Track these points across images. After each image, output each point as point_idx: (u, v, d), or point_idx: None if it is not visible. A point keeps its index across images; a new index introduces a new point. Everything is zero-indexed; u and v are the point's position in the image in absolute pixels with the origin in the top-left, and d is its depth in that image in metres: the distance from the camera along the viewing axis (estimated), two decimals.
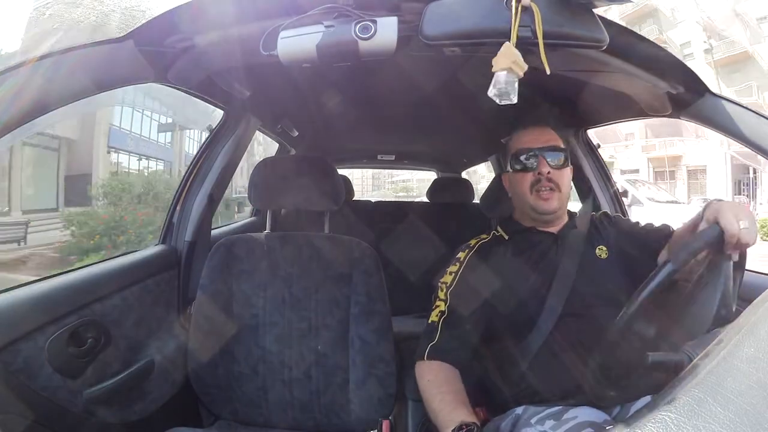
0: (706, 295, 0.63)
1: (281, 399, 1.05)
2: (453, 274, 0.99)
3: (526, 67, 0.61)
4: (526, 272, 0.95)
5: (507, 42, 0.61)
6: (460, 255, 1.02)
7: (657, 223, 1.00)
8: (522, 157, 0.96)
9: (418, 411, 1.06)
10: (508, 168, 1.00)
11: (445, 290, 0.97)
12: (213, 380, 1.05)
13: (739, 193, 14.06)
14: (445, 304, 0.95)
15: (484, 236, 1.05)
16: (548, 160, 0.94)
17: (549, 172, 0.93)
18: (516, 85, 0.62)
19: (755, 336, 0.38)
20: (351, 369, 1.03)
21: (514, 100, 0.62)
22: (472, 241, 1.04)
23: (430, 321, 0.96)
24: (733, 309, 0.62)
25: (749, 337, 0.38)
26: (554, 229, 1.00)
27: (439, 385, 0.86)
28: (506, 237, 1.03)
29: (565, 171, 0.96)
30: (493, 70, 0.62)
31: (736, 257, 0.66)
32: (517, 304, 0.93)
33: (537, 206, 0.95)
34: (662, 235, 0.94)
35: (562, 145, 0.98)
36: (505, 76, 0.61)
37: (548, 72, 0.61)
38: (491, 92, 0.62)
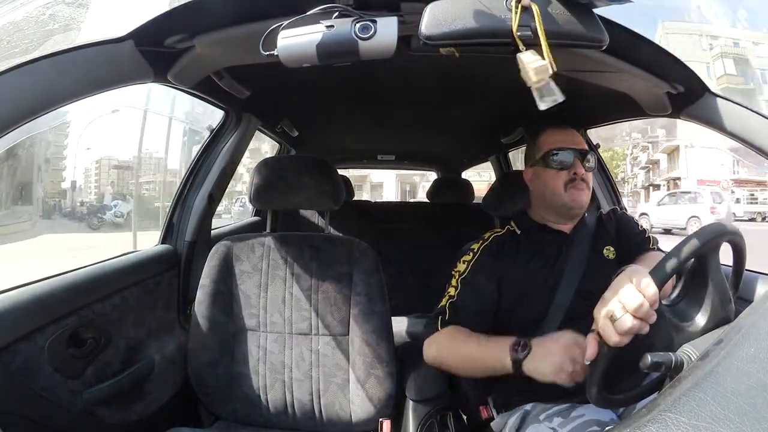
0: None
1: (281, 399, 1.05)
2: (466, 263, 1.00)
3: (548, 64, 0.60)
4: (535, 270, 0.96)
5: (519, 54, 0.60)
6: (474, 246, 1.03)
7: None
8: (558, 156, 0.97)
9: (418, 411, 1.06)
10: (538, 164, 1.01)
11: (457, 278, 0.99)
12: (213, 380, 1.05)
13: None
14: (456, 290, 0.97)
15: (498, 230, 1.06)
16: (582, 161, 0.97)
17: (583, 173, 0.96)
18: (552, 84, 0.61)
19: (755, 336, 0.38)
20: (351, 369, 1.03)
21: (561, 97, 0.61)
22: (486, 234, 1.05)
23: (439, 306, 0.97)
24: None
25: (749, 337, 0.38)
26: (566, 228, 1.01)
27: (461, 335, 0.88)
28: (518, 232, 1.04)
29: (591, 174, 1.00)
30: (529, 85, 0.61)
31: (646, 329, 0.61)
32: (525, 301, 0.94)
33: (570, 201, 0.96)
34: (641, 251, 0.97)
35: (588, 150, 1.01)
36: (541, 86, 0.61)
37: (554, 70, 0.60)
38: (542, 106, 0.61)
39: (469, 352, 0.86)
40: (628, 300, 0.59)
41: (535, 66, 0.59)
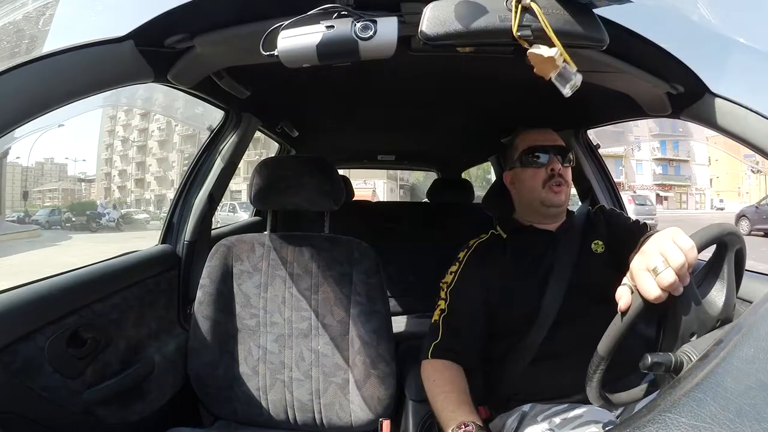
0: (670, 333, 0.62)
1: (281, 399, 1.05)
2: (453, 274, 1.00)
3: (557, 53, 0.60)
4: (524, 271, 0.96)
5: (529, 50, 0.60)
6: (460, 255, 1.03)
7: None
8: (534, 155, 0.99)
9: (418, 411, 1.06)
10: (516, 165, 1.02)
11: (446, 289, 0.99)
12: (213, 380, 1.05)
13: None
14: (446, 303, 0.97)
15: (483, 235, 1.07)
16: (559, 158, 0.98)
17: (560, 169, 0.97)
18: (568, 68, 0.61)
19: (755, 336, 0.38)
20: (351, 369, 1.03)
21: (579, 78, 0.62)
22: (471, 242, 1.06)
23: (432, 321, 0.97)
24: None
25: (749, 337, 0.38)
26: (552, 227, 1.01)
27: (443, 385, 0.87)
28: (504, 236, 1.04)
29: (569, 169, 1.01)
30: (549, 77, 0.62)
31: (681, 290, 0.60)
32: (515, 303, 0.94)
33: (548, 199, 0.97)
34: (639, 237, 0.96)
35: (566, 146, 1.02)
36: (561, 71, 0.61)
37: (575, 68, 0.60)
38: (567, 92, 0.62)
39: (435, 406, 0.85)
40: (672, 255, 0.56)
41: (547, 56, 0.60)
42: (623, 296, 0.61)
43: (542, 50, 0.60)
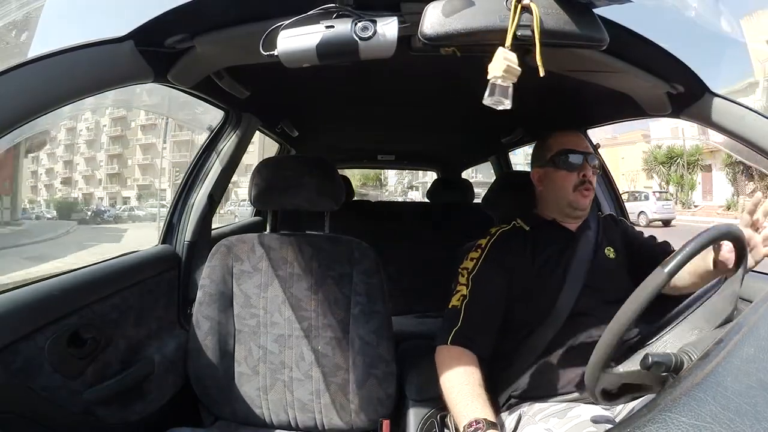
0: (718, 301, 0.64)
1: (281, 399, 1.05)
2: (475, 260, 0.99)
3: (519, 71, 0.61)
4: (544, 268, 0.97)
5: (500, 47, 0.61)
6: (482, 242, 1.03)
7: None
8: (568, 157, 1.00)
9: (418, 411, 1.06)
10: (548, 164, 1.03)
11: (466, 275, 0.97)
12: (213, 381, 1.05)
13: None
14: (467, 289, 0.95)
15: (504, 225, 1.07)
16: (590, 164, 1.00)
17: (590, 175, 1.00)
18: (510, 90, 0.62)
19: (755, 336, 0.38)
20: (351, 369, 1.03)
21: (509, 105, 0.62)
22: (493, 229, 1.05)
23: (451, 306, 0.95)
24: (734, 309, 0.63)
25: (749, 337, 0.38)
26: (572, 227, 1.02)
27: (458, 375, 0.85)
28: (526, 228, 1.04)
29: (595, 176, 1.03)
30: (488, 77, 0.62)
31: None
32: (532, 296, 0.94)
33: (576, 202, 0.99)
34: (667, 252, 0.97)
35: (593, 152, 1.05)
36: (500, 83, 0.61)
37: (541, 74, 0.61)
38: (487, 100, 0.63)
39: (448, 396, 0.84)
40: None
41: (508, 64, 0.60)
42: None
43: (510, 57, 0.61)
